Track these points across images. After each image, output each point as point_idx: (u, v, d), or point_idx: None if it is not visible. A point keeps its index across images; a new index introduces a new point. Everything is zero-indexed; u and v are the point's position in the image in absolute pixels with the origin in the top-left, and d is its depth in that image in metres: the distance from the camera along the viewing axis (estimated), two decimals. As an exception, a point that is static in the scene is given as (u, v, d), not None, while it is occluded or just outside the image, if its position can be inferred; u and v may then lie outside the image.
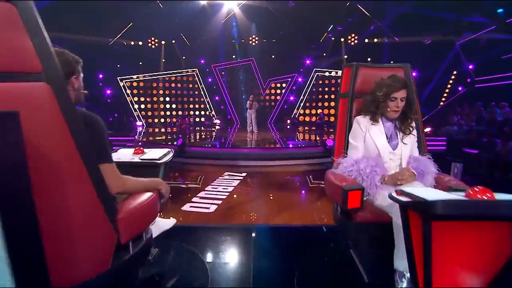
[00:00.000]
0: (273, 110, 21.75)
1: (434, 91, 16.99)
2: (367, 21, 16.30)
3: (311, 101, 20.80)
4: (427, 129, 13.62)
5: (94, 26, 15.87)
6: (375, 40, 17.23)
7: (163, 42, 18.52)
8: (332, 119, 19.52)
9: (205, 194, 5.27)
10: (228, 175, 6.72)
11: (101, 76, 18.28)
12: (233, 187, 5.67)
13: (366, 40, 17.43)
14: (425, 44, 16.47)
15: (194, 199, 5.01)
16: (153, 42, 18.10)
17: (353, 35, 17.66)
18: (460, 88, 16.20)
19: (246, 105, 12.82)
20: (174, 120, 18.78)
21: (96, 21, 15.63)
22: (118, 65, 18.69)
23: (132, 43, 17.78)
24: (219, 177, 6.44)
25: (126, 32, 16.58)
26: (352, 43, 17.91)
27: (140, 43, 17.98)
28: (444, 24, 14.56)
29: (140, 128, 18.36)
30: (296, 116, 20.18)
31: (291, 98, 21.25)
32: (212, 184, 5.96)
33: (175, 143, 8.51)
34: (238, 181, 6.22)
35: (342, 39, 17.88)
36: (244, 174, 6.75)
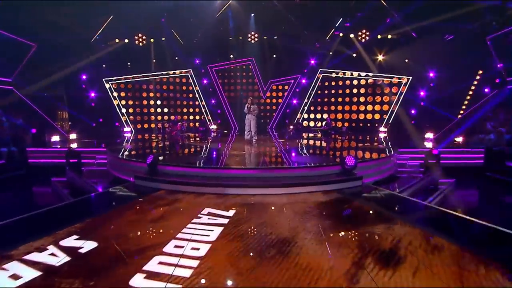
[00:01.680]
0: (275, 115, 19.44)
1: (456, 93, 14.68)
2: (380, 14, 14.04)
3: (316, 105, 18.50)
4: (459, 139, 11.32)
5: (73, 22, 13.71)
6: (389, 36, 14.93)
7: (151, 40, 16.28)
8: (339, 124, 17.25)
9: (159, 264, 3.00)
10: (209, 214, 4.45)
11: (84, 77, 16.06)
12: (208, 246, 3.39)
13: (379, 36, 15.14)
14: (446, 40, 14.19)
15: (134, 279, 2.75)
16: (140, 39, 15.84)
17: (363, 30, 15.37)
18: (487, 90, 13.90)
19: (244, 109, 10.60)
20: (166, 126, 16.58)
21: (74, 16, 13.46)
22: (104, 65, 16.52)
23: (117, 40, 15.56)
24: (194, 219, 4.19)
25: (109, 28, 14.34)
26: (363, 40, 15.63)
27: (126, 40, 15.76)
28: (478, 15, 12.10)
29: (128, 135, 16.15)
30: (300, 121, 17.91)
31: (294, 101, 18.96)
32: (179, 235, 3.70)
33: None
34: (221, 228, 3.94)
35: (352, 35, 15.59)
36: (231, 213, 4.47)
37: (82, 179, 7.62)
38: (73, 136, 12.20)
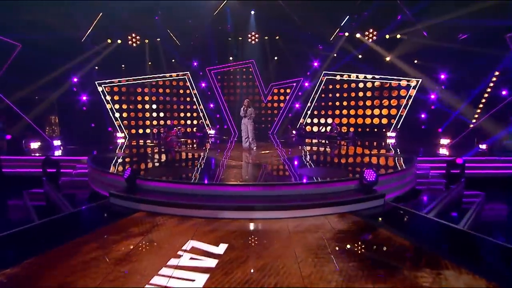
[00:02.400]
0: (276, 119, 18.38)
1: (470, 96, 13.58)
2: (389, 12, 13.01)
3: (320, 109, 17.44)
4: (483, 146, 10.19)
5: (61, 21, 12.74)
6: (398, 35, 13.87)
7: (146, 40, 15.28)
8: (344, 129, 16.15)
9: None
10: (193, 250, 3.36)
11: (75, 80, 15.07)
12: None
13: (387, 36, 14.09)
14: (460, 39, 13.11)
15: None
16: (134, 40, 14.84)
17: (370, 30, 14.32)
18: (504, 93, 12.80)
19: (240, 112, 9.51)
20: (161, 131, 15.50)
21: (62, 15, 12.50)
22: (96, 67, 15.52)
23: (109, 40, 14.56)
24: (172, 260, 3.11)
25: (100, 28, 13.32)
26: (370, 40, 14.58)
27: (119, 41, 14.75)
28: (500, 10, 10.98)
29: (122, 141, 15.09)
30: (303, 126, 16.83)
31: (297, 105, 17.90)
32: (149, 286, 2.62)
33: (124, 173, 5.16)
34: (206, 276, 2.86)
35: (358, 35, 14.53)
36: (222, 249, 3.38)
37: (56, 192, 6.53)
38: (57, 142, 11.11)
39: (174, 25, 14.85)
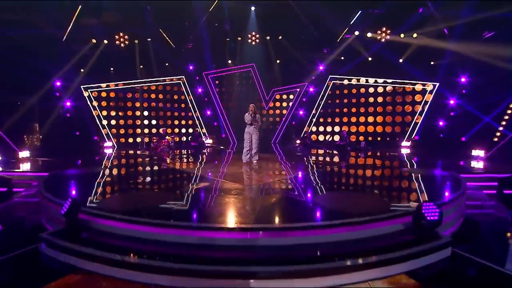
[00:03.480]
0: (278, 127, 16.73)
1: (495, 101, 11.98)
2: (405, 8, 11.50)
3: (326, 116, 15.82)
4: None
5: (39, 17, 11.24)
6: (415, 35, 12.30)
7: (136, 41, 13.74)
8: (353, 138, 14.47)
9: None
10: None
11: (58, 83, 13.51)
12: None
13: (402, 35, 12.53)
14: (484, 37, 11.58)
15: None
16: (122, 40, 13.28)
17: (383, 28, 12.77)
18: (537, 97, 11.22)
19: (245, 118, 7.90)
20: (154, 140, 13.84)
21: (40, 11, 11.01)
22: (82, 69, 13.95)
23: (94, 40, 13.00)
24: None
25: (83, 26, 11.77)
26: (383, 40, 13.02)
27: (105, 41, 13.20)
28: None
29: (109, 151, 13.43)
30: (309, 135, 15.15)
31: (301, 112, 16.27)
32: None
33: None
34: None
35: (369, 34, 12.97)
36: None
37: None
38: (24, 154, 9.42)
39: (168, 26, 13.31)
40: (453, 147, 12.11)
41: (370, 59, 14.32)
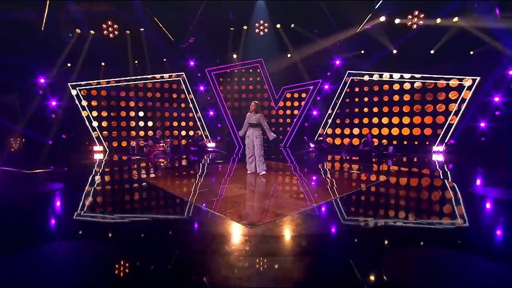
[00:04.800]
0: (289, 130, 14.74)
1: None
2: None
3: (344, 117, 13.75)
4: None
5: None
6: (455, 19, 10.13)
7: (127, 32, 11.91)
8: (376, 141, 12.34)
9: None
10: None
11: (42, 80, 11.82)
12: None
13: (438, 21, 10.37)
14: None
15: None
16: (110, 29, 11.44)
17: (415, 13, 10.61)
18: None
19: (247, 119, 6.02)
20: (148, 144, 11.98)
21: None
22: (69, 64, 12.21)
23: (78, 30, 11.21)
24: None
25: (63, 12, 9.98)
26: (414, 26, 10.86)
27: (92, 32, 11.39)
28: None
29: (100, 156, 11.63)
30: (324, 138, 13.08)
31: (314, 112, 14.25)
32: None
33: None
34: None
35: (398, 21, 10.83)
36: None
37: None
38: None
39: (164, 15, 11.45)
40: (498, 152, 9.94)
41: (395, 51, 12.23)
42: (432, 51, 11.56)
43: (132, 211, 3.89)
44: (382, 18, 10.68)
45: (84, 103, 12.56)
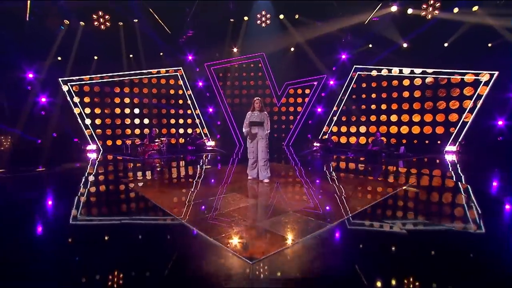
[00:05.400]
0: (292, 127, 13.98)
1: None
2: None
3: (349, 115, 12.97)
4: None
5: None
6: (475, 7, 9.27)
7: (120, 23, 11.11)
8: (384, 140, 11.55)
9: None
10: None
11: (31, 75, 11.08)
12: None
13: (456, 10, 9.52)
14: None
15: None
16: (101, 20, 10.62)
17: (431, 1, 9.71)
18: None
19: (246, 119, 5.25)
20: (141, 142, 11.23)
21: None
22: (59, 58, 11.45)
23: (67, 21, 10.42)
24: None
25: (50, 2, 9.15)
26: (429, 16, 10.00)
27: (82, 23, 10.59)
28: None
29: (94, 155, 10.92)
30: (329, 137, 12.28)
31: (319, 109, 13.47)
32: None
33: None
34: None
35: (410, 11, 9.99)
36: None
37: None
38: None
39: (158, 5, 10.63)
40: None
41: (405, 45, 11.38)
42: (446, 44, 10.72)
43: (99, 240, 3.14)
44: (394, 8, 9.82)
45: (76, 99, 11.81)
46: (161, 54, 12.80)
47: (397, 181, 5.52)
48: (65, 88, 11.61)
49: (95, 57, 11.79)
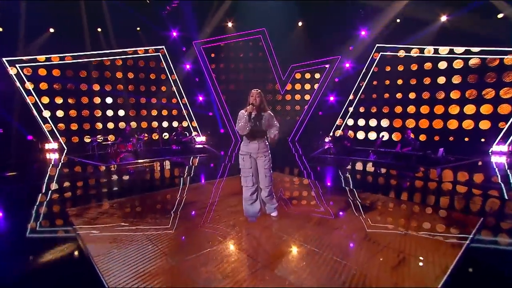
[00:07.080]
0: (299, 119, 11.59)
1: None
2: None
3: (370, 104, 10.57)
4: None
5: None
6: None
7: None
8: (411, 135, 9.16)
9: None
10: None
11: (-34, 55, 8.48)
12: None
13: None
14: None
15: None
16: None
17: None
18: None
19: (239, 121, 2.83)
20: (120, 140, 8.79)
21: None
22: (0, 29, 8.79)
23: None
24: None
25: None
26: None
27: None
28: None
29: (55, 155, 8.52)
30: (346, 132, 9.85)
31: (331, 98, 11.06)
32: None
33: None
34: None
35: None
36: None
37: None
38: None
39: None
40: None
41: (444, 19, 8.87)
42: (499, 15, 8.23)
43: None
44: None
45: (29, 85, 9.23)
46: (138, 29, 10.15)
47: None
48: (12, 71, 8.99)
49: (51, 30, 9.11)
